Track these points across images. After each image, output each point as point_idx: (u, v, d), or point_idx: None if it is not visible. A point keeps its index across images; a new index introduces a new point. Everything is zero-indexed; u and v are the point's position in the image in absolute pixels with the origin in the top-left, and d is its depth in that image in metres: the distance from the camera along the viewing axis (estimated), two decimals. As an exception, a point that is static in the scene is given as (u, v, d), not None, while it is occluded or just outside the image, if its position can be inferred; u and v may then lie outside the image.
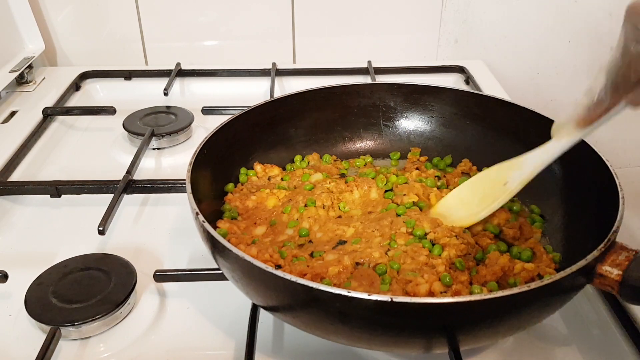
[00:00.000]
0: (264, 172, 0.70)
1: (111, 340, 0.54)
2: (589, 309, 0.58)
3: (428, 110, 0.76)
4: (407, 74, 1.06)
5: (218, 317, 0.57)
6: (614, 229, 0.48)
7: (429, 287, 0.51)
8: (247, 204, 0.65)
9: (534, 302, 0.44)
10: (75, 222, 0.71)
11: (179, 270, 0.59)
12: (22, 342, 0.53)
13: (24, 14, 1.04)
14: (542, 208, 0.65)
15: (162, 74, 1.05)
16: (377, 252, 0.56)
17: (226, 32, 1.13)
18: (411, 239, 0.58)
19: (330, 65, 1.08)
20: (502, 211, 0.62)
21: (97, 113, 0.94)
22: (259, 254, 0.54)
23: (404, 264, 0.54)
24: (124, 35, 1.12)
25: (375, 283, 0.53)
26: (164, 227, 0.70)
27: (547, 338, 0.55)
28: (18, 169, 0.80)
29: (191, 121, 0.90)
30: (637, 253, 0.46)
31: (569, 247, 0.59)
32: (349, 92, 0.76)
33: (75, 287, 0.57)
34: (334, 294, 0.41)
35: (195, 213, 0.51)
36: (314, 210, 0.63)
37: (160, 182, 0.74)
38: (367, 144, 0.77)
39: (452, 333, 0.44)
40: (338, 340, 0.47)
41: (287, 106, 0.73)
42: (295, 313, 0.48)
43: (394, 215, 0.62)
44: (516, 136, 0.69)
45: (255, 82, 1.06)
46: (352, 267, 0.54)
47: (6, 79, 0.98)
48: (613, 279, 0.45)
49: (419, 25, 1.13)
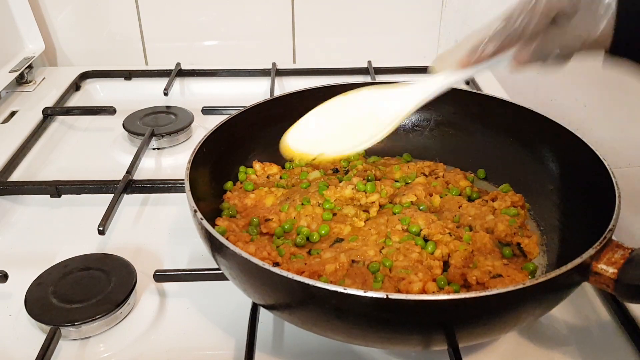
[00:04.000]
0: (262, 171, 0.70)
1: (111, 340, 0.54)
2: (589, 309, 0.58)
3: (427, 109, 0.76)
4: (407, 74, 1.06)
5: (218, 316, 0.57)
6: (610, 227, 0.48)
7: (422, 285, 0.51)
8: (245, 202, 0.65)
9: (529, 299, 0.44)
10: (75, 222, 0.71)
11: (179, 270, 0.59)
12: (22, 342, 0.54)
13: (24, 14, 1.04)
14: (539, 206, 0.65)
15: (162, 74, 1.05)
16: (372, 250, 0.56)
17: (226, 32, 1.13)
18: (405, 236, 0.58)
19: (330, 65, 1.08)
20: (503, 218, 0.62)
21: (97, 113, 0.94)
22: (257, 252, 0.54)
23: (396, 261, 0.55)
24: (124, 35, 1.12)
25: (367, 281, 0.53)
26: (164, 227, 0.70)
27: (547, 338, 0.55)
28: (18, 169, 0.81)
29: (191, 121, 0.90)
30: (633, 251, 0.46)
31: (566, 246, 0.59)
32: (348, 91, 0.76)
33: (75, 287, 0.57)
34: (331, 291, 0.42)
35: (193, 211, 0.51)
36: (310, 209, 0.63)
37: (160, 182, 0.74)
38: (365, 142, 0.77)
39: (447, 330, 0.44)
40: (336, 337, 0.48)
41: (286, 105, 0.73)
42: (293, 310, 0.48)
43: (390, 213, 0.62)
44: (515, 135, 0.70)
45: (255, 82, 1.06)
46: (348, 265, 0.54)
47: (6, 79, 0.98)
48: (608, 277, 0.45)
49: (419, 25, 1.14)
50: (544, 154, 0.66)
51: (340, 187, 0.65)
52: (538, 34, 0.47)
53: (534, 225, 0.64)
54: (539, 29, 0.47)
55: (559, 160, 0.64)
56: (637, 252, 0.46)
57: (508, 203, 0.64)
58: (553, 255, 0.59)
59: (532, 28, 0.46)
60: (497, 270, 0.53)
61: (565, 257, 0.53)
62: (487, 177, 0.72)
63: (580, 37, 0.45)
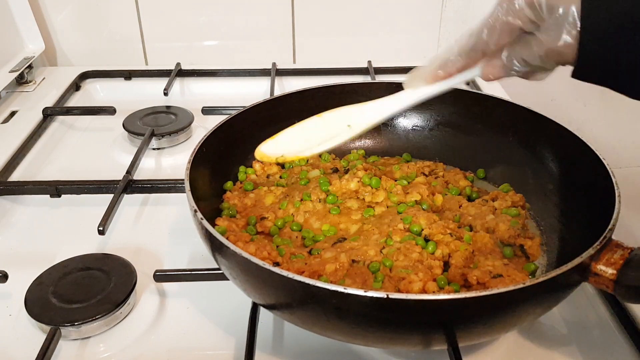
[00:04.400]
0: (262, 170, 0.70)
1: (111, 340, 0.54)
2: (589, 309, 0.58)
3: (426, 109, 0.76)
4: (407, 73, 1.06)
5: (218, 316, 0.57)
6: (609, 227, 0.48)
7: (422, 285, 0.51)
8: (245, 202, 0.65)
9: (529, 299, 0.44)
10: (75, 222, 0.71)
11: (179, 270, 0.59)
12: (22, 342, 0.54)
13: (24, 14, 1.04)
14: (539, 206, 0.65)
15: (162, 74, 1.05)
16: (372, 250, 0.56)
17: (226, 32, 1.13)
18: (406, 236, 0.58)
19: (330, 65, 1.08)
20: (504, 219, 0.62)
21: (97, 113, 0.94)
22: (257, 252, 0.54)
23: (396, 261, 0.55)
24: (124, 35, 1.12)
25: (368, 281, 0.53)
26: (164, 227, 0.70)
27: (547, 338, 0.55)
28: (18, 169, 0.81)
29: (191, 121, 0.90)
30: (632, 251, 0.46)
31: (565, 246, 0.59)
32: (347, 91, 0.76)
33: (75, 287, 0.57)
34: (331, 291, 0.42)
35: (193, 211, 0.51)
36: (310, 205, 0.63)
37: (160, 182, 0.74)
38: (365, 142, 0.77)
39: (448, 329, 0.44)
40: (336, 336, 0.48)
41: (285, 105, 0.73)
42: (293, 310, 0.48)
43: (394, 212, 0.62)
44: (515, 135, 0.69)
45: (255, 82, 1.06)
46: (348, 265, 0.54)
47: (6, 79, 0.98)
48: (608, 277, 0.45)
49: (419, 25, 1.14)
50: (544, 154, 0.66)
51: (346, 180, 0.65)
52: (502, 48, 0.48)
53: (534, 225, 0.64)
54: (502, 43, 0.48)
55: (559, 160, 0.64)
56: (636, 252, 0.46)
57: (509, 203, 0.64)
58: (553, 255, 0.59)
59: (494, 43, 0.48)
60: (497, 270, 0.53)
61: (565, 257, 0.53)
62: (487, 177, 0.72)
63: (542, 50, 0.45)
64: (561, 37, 0.44)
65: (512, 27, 0.46)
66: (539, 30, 0.45)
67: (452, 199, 0.66)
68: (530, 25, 0.46)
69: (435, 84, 0.54)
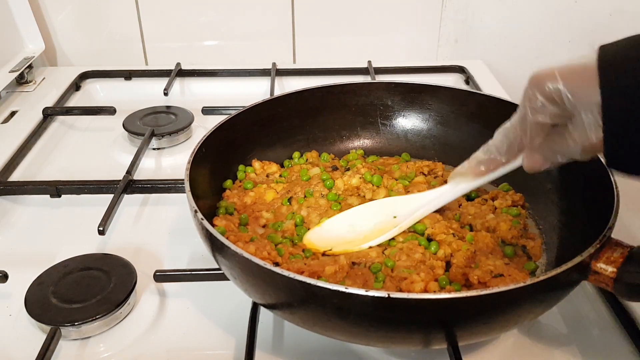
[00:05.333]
0: (262, 169, 0.70)
1: (111, 340, 0.54)
2: (589, 309, 0.58)
3: (425, 109, 0.76)
4: (407, 73, 1.06)
5: (218, 316, 0.57)
6: (609, 226, 0.48)
7: (424, 285, 0.51)
8: (245, 200, 0.65)
9: (529, 298, 0.44)
10: (75, 222, 0.71)
11: (179, 270, 0.59)
12: (22, 342, 0.54)
13: (24, 14, 1.04)
14: (538, 205, 0.65)
15: (162, 74, 1.05)
16: (374, 251, 0.56)
17: (226, 32, 1.13)
18: (409, 236, 0.58)
19: (330, 65, 1.08)
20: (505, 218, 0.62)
21: (97, 113, 0.94)
22: (257, 252, 0.54)
23: (398, 261, 0.55)
24: (124, 35, 1.12)
25: (369, 281, 0.53)
26: (164, 227, 0.70)
27: (547, 338, 0.55)
28: (18, 169, 0.81)
29: (191, 121, 0.90)
30: (632, 249, 0.46)
31: (565, 245, 0.59)
32: (346, 91, 0.76)
33: (75, 287, 0.57)
34: (332, 291, 0.42)
35: (193, 211, 0.51)
36: (312, 200, 0.63)
37: (160, 182, 0.74)
38: (364, 142, 0.77)
39: (448, 328, 0.44)
40: (336, 336, 0.48)
41: (285, 105, 0.73)
42: (294, 310, 0.48)
43: None
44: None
45: (255, 82, 1.06)
46: (348, 267, 0.54)
47: (6, 79, 0.98)
48: (607, 276, 0.45)
49: (419, 25, 1.14)
50: (544, 153, 0.66)
51: (347, 176, 0.65)
52: (538, 142, 0.48)
53: (533, 225, 0.64)
54: (536, 140, 0.48)
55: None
56: (635, 250, 0.46)
57: (509, 202, 0.64)
58: (552, 254, 0.59)
59: (529, 141, 0.48)
60: (498, 269, 0.53)
61: (564, 256, 0.53)
62: (486, 176, 0.72)
63: (577, 144, 0.45)
64: (590, 135, 0.43)
65: (543, 125, 0.46)
66: (571, 123, 0.45)
67: (451, 198, 0.66)
68: (560, 119, 0.45)
69: (481, 178, 0.56)
